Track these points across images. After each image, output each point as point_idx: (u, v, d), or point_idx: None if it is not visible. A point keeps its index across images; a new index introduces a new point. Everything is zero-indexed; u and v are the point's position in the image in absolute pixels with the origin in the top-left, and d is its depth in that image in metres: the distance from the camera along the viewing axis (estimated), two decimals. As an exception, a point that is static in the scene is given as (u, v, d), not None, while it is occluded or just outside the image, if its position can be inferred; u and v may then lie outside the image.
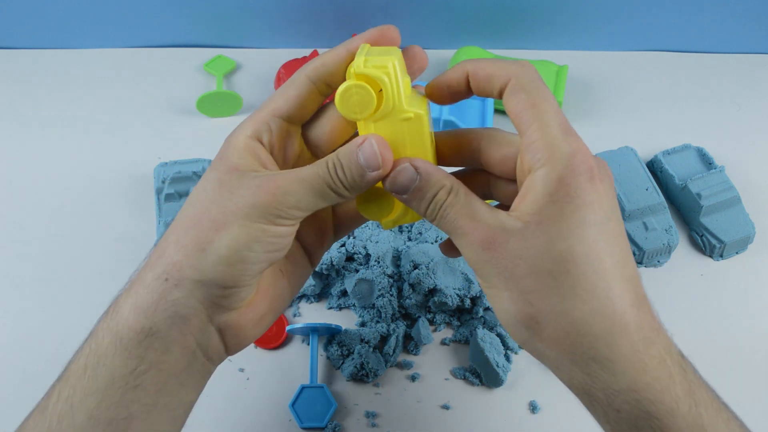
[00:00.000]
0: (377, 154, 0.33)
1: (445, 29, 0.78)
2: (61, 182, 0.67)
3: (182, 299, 0.33)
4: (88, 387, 0.33)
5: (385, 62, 0.33)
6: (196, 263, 0.33)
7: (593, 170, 0.31)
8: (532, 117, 0.32)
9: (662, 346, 0.31)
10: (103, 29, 0.78)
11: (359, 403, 0.55)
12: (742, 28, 0.78)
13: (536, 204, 0.31)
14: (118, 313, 0.33)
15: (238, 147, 0.35)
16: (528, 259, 0.31)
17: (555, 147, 0.31)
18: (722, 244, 0.62)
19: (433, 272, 0.56)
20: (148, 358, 0.33)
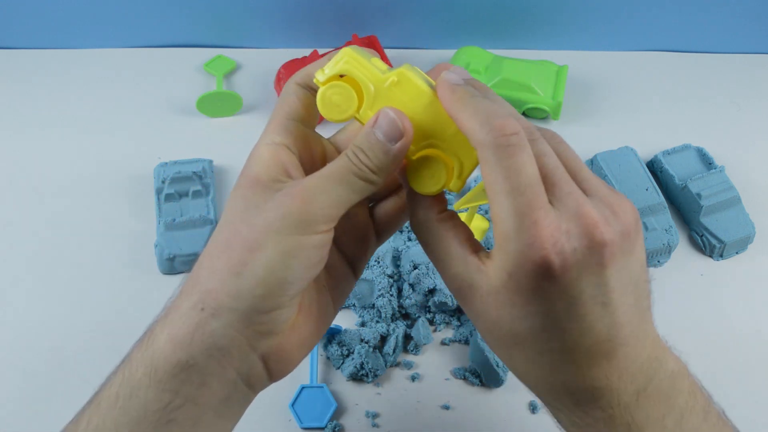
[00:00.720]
0: (395, 121, 0.32)
1: (445, 29, 0.78)
2: (61, 182, 0.67)
3: (220, 329, 0.31)
4: (120, 419, 0.32)
5: (338, 55, 0.34)
6: (233, 289, 0.31)
7: (551, 266, 0.29)
8: (494, 196, 0.30)
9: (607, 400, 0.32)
10: (103, 29, 0.78)
11: (359, 403, 0.55)
12: (742, 28, 0.78)
13: (494, 280, 0.31)
14: (154, 343, 0.32)
15: (260, 156, 0.33)
16: (485, 323, 0.32)
17: (505, 240, 0.30)
18: (722, 244, 0.62)
19: (433, 272, 0.56)
20: (183, 392, 0.32)
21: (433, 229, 0.34)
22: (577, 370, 0.31)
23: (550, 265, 0.29)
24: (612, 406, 0.32)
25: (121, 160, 0.69)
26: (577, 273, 0.29)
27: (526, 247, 0.29)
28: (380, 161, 0.32)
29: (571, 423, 0.33)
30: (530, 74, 0.71)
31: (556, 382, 0.32)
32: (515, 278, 0.30)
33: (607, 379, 0.31)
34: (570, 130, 0.73)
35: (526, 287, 0.30)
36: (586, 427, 0.33)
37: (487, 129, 0.30)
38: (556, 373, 0.32)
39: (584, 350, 0.31)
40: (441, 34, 0.78)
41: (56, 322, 0.58)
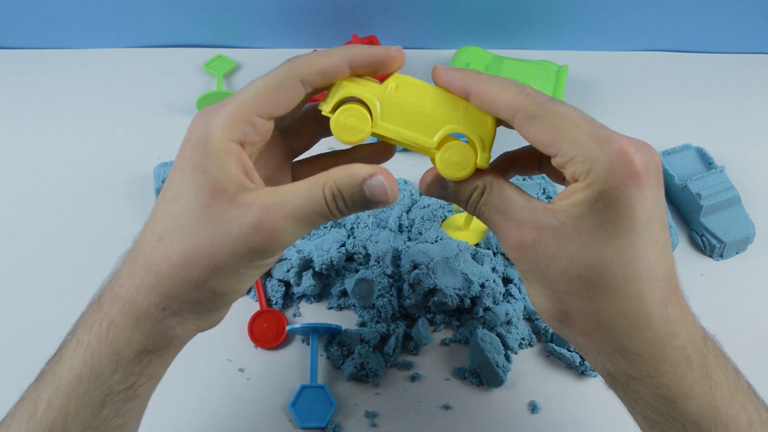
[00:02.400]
0: (388, 192, 0.33)
1: (445, 29, 0.78)
2: (61, 182, 0.67)
3: (179, 325, 0.35)
4: (85, 399, 0.33)
5: (333, 87, 0.35)
6: (192, 299, 0.34)
7: (637, 174, 0.30)
8: (560, 138, 0.32)
9: (686, 336, 0.33)
10: (103, 29, 0.78)
11: (359, 403, 0.55)
12: (742, 28, 0.78)
13: (576, 208, 0.31)
14: (117, 332, 0.34)
15: (218, 154, 0.32)
16: (560, 261, 0.32)
17: (593, 160, 0.31)
18: (722, 244, 0.62)
19: (433, 272, 0.56)
20: (147, 373, 0.35)
21: (494, 186, 0.35)
22: (660, 299, 0.32)
23: (638, 170, 0.30)
24: (690, 344, 0.33)
25: (121, 160, 0.69)
26: (654, 184, 0.31)
27: (616, 157, 0.30)
28: (355, 209, 0.34)
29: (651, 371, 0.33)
30: (530, 74, 0.71)
31: (641, 315, 0.32)
32: (607, 193, 0.31)
33: (682, 313, 0.33)
34: (570, 130, 0.73)
35: (617, 200, 0.31)
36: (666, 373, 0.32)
37: (523, 95, 0.32)
38: (642, 303, 0.32)
39: (662, 277, 0.32)
40: (441, 34, 0.78)
41: (56, 321, 0.58)
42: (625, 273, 0.31)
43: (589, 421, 0.54)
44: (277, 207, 0.32)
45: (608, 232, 0.31)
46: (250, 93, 0.34)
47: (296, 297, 0.60)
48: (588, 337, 0.34)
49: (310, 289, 0.59)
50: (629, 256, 0.31)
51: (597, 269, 0.31)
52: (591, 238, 0.31)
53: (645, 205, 0.31)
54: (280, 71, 0.34)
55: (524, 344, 0.57)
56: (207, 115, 0.33)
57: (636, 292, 0.32)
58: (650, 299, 0.32)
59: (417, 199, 0.65)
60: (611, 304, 0.32)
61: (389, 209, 0.64)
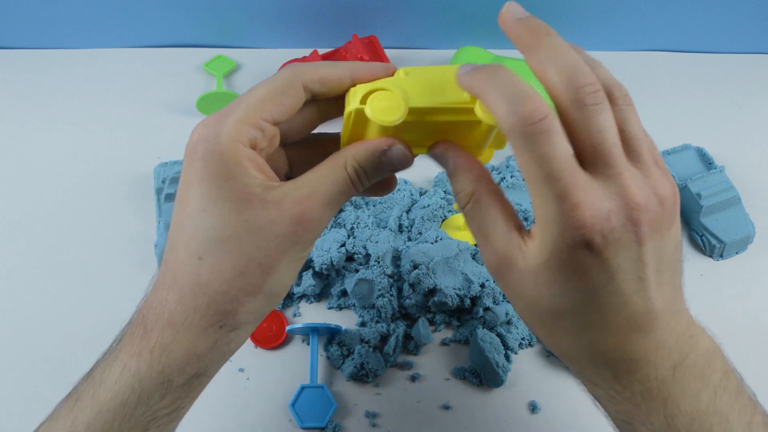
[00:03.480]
0: (408, 157, 0.35)
1: (445, 29, 0.78)
2: (61, 182, 0.67)
3: (235, 339, 0.35)
4: (128, 426, 0.33)
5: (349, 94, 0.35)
6: (252, 308, 0.34)
7: (592, 243, 0.29)
8: (529, 181, 0.30)
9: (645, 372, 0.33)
10: (103, 29, 0.78)
11: (359, 403, 0.55)
12: (742, 28, 0.78)
13: (534, 259, 0.31)
14: (169, 357, 0.33)
15: (237, 161, 0.32)
16: (523, 299, 0.33)
17: (547, 221, 0.30)
18: (722, 244, 0.62)
19: (433, 272, 0.56)
20: (193, 394, 0.35)
21: (481, 201, 0.34)
22: (616, 343, 0.32)
23: (592, 244, 0.30)
24: (649, 379, 0.32)
25: (121, 160, 0.69)
26: (616, 250, 0.30)
27: (568, 229, 0.30)
28: (375, 182, 0.35)
29: (609, 398, 0.34)
30: (530, 74, 0.71)
31: (596, 355, 0.33)
32: (557, 257, 0.30)
33: (645, 351, 0.32)
34: (570, 130, 0.73)
35: (567, 265, 0.30)
36: (624, 401, 0.33)
37: (514, 115, 0.30)
38: (596, 346, 0.32)
39: (623, 323, 0.32)
40: (441, 34, 0.78)
41: (56, 321, 0.58)
42: (579, 322, 0.32)
43: (589, 421, 0.54)
44: (310, 198, 0.33)
45: (561, 289, 0.31)
46: (255, 98, 0.33)
47: (296, 297, 0.60)
48: (559, 356, 0.35)
49: (310, 289, 0.59)
50: (583, 311, 0.31)
51: (552, 315, 0.32)
52: (547, 290, 0.32)
53: (600, 270, 0.30)
54: (283, 76, 0.34)
55: (524, 344, 0.57)
56: (212, 124, 0.33)
57: (590, 338, 0.32)
58: (605, 344, 0.32)
59: (417, 199, 0.65)
60: (568, 343, 0.33)
61: (389, 209, 0.64)
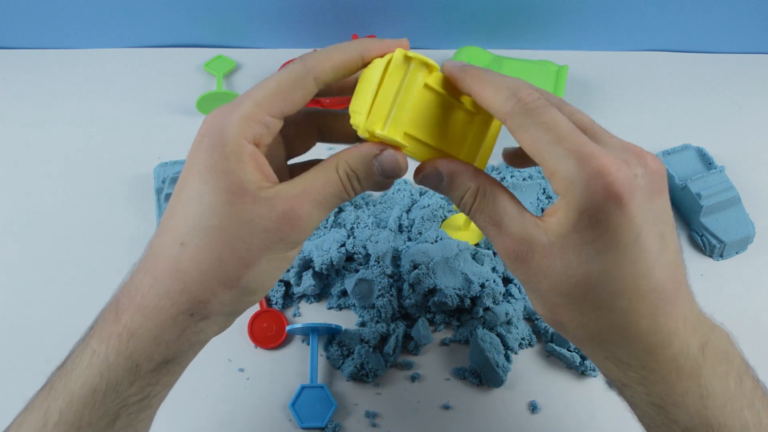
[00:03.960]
0: (400, 164, 0.34)
1: (445, 29, 0.78)
2: (61, 182, 0.67)
3: (205, 329, 0.34)
4: (99, 413, 0.33)
5: None
6: (224, 300, 0.33)
7: (617, 194, 0.30)
8: (543, 152, 0.31)
9: (678, 347, 0.32)
10: (103, 29, 0.78)
11: (359, 403, 0.55)
12: (742, 28, 0.78)
13: (560, 227, 0.31)
14: (137, 343, 0.33)
15: (237, 155, 0.32)
16: (549, 277, 0.32)
17: (571, 179, 0.31)
18: (722, 244, 0.62)
19: (433, 272, 0.56)
20: (163, 382, 0.35)
21: (487, 192, 0.34)
22: (649, 311, 0.32)
23: (620, 195, 0.30)
24: (682, 355, 0.32)
25: (121, 160, 0.69)
26: (642, 199, 0.31)
27: (593, 177, 0.30)
28: (366, 189, 0.35)
29: (641, 379, 0.33)
30: (530, 74, 0.71)
31: (629, 328, 0.32)
32: (586, 215, 0.30)
33: (675, 323, 0.32)
34: (570, 130, 0.73)
35: (597, 221, 0.30)
36: (659, 381, 0.33)
37: (514, 100, 0.32)
38: (629, 316, 0.32)
39: (653, 287, 0.31)
40: (441, 34, 0.78)
41: (56, 321, 0.58)
42: (611, 289, 0.31)
43: (589, 421, 0.54)
44: (300, 196, 0.33)
45: (592, 251, 0.31)
46: (264, 92, 0.33)
47: (296, 297, 0.60)
48: (581, 344, 0.34)
49: (310, 289, 0.59)
50: (615, 273, 0.31)
51: (583, 287, 0.32)
52: (576, 257, 0.31)
53: (629, 222, 0.30)
54: (294, 69, 0.34)
55: (524, 344, 0.57)
56: (221, 116, 0.33)
57: (623, 307, 0.32)
58: (638, 312, 0.32)
59: (417, 199, 0.65)
60: (599, 317, 0.32)
61: (389, 209, 0.64)
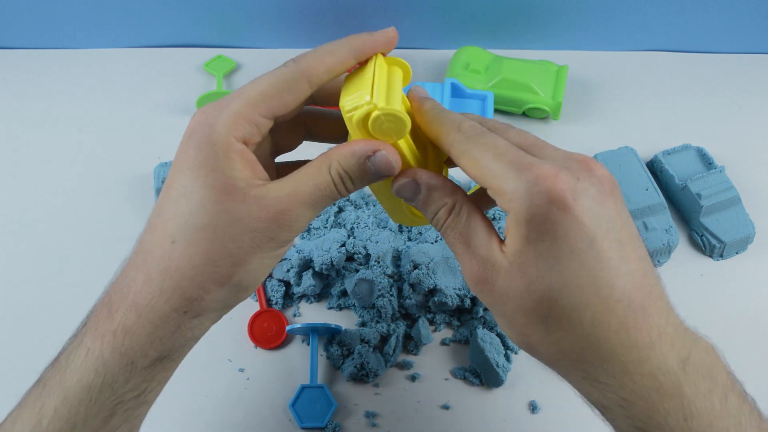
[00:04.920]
0: (393, 165, 0.34)
1: (445, 29, 0.78)
2: (61, 182, 0.67)
3: (198, 326, 0.34)
4: (94, 409, 0.33)
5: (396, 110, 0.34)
6: (217, 297, 0.34)
7: (559, 198, 0.29)
8: (484, 171, 0.32)
9: (656, 363, 0.31)
10: (103, 29, 0.78)
11: (359, 403, 0.55)
12: (742, 28, 0.78)
13: (514, 245, 0.31)
14: (132, 340, 0.33)
15: (226, 154, 0.32)
16: (513, 299, 0.32)
17: (511, 190, 0.30)
18: (722, 244, 0.62)
19: (433, 272, 0.56)
20: (158, 378, 0.35)
21: (462, 211, 0.34)
22: (618, 324, 0.30)
23: (560, 194, 0.30)
24: (661, 371, 0.31)
25: (121, 160, 0.69)
26: (588, 202, 0.30)
27: (532, 184, 0.30)
28: (360, 187, 0.35)
29: (621, 402, 0.31)
30: (530, 74, 0.71)
31: (601, 345, 0.31)
32: (534, 223, 0.30)
33: (649, 336, 0.31)
34: (570, 130, 0.73)
35: (546, 230, 0.30)
36: (639, 402, 0.31)
37: (454, 131, 0.34)
38: (599, 331, 0.30)
39: (619, 297, 0.30)
40: (441, 34, 0.78)
41: (56, 321, 0.58)
42: (573, 301, 0.30)
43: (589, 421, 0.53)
44: (291, 197, 0.33)
45: (549, 262, 0.30)
46: (256, 92, 0.33)
47: (296, 297, 0.60)
48: (556, 366, 0.33)
49: (310, 289, 0.59)
50: (575, 284, 0.30)
51: (546, 302, 0.31)
52: (535, 271, 0.30)
53: (579, 227, 0.30)
54: (287, 71, 0.34)
55: (524, 344, 0.57)
56: (211, 114, 0.33)
57: (589, 320, 0.30)
58: (606, 326, 0.30)
59: (417, 199, 0.65)
60: (567, 334, 0.31)
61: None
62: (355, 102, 0.33)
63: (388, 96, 0.33)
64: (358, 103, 0.33)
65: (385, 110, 0.32)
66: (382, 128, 0.33)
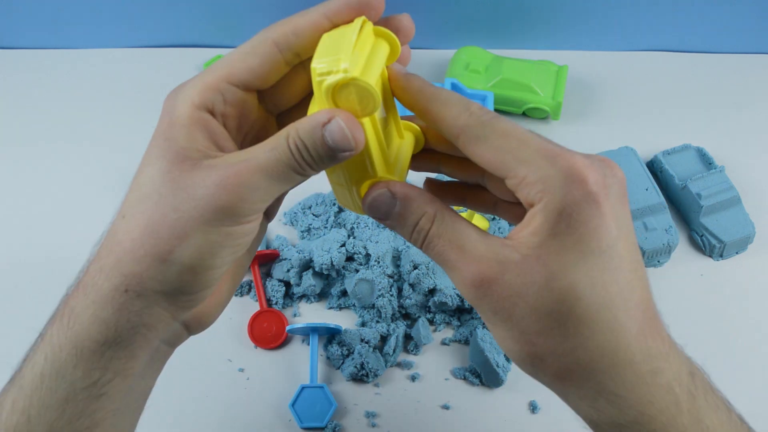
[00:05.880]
0: (348, 137, 0.29)
1: (445, 29, 0.78)
2: (61, 182, 0.67)
3: (145, 309, 0.31)
4: (47, 399, 0.31)
5: None
6: (158, 275, 0.30)
7: (592, 192, 0.28)
8: (508, 158, 0.29)
9: (671, 374, 0.30)
10: (103, 29, 0.78)
11: (359, 403, 0.55)
12: (742, 28, 0.78)
13: (537, 236, 0.29)
14: (77, 323, 0.31)
15: (183, 122, 0.31)
16: (527, 298, 0.29)
17: (546, 177, 0.29)
18: (722, 244, 0.62)
19: (433, 272, 0.56)
20: (113, 368, 0.32)
21: (446, 216, 0.32)
22: (638, 329, 0.29)
23: (594, 190, 0.28)
24: (676, 384, 0.29)
25: (121, 160, 0.69)
26: (614, 202, 0.29)
27: (568, 174, 0.28)
28: (323, 161, 0.30)
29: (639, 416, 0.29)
30: (530, 74, 0.71)
31: (620, 351, 0.29)
32: (566, 213, 0.28)
33: (663, 347, 0.29)
34: (570, 130, 0.73)
35: (578, 221, 0.28)
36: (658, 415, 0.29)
37: (466, 113, 0.30)
38: (619, 336, 0.29)
39: (637, 305, 0.29)
40: (441, 34, 0.78)
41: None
42: (597, 299, 0.28)
43: (589, 421, 0.54)
44: (243, 164, 0.30)
45: (575, 256, 0.28)
46: (221, 61, 0.32)
47: (296, 297, 0.60)
48: (566, 380, 0.30)
49: (310, 289, 0.59)
50: (600, 280, 0.28)
51: (569, 300, 0.28)
52: (558, 266, 0.28)
53: (607, 224, 0.28)
54: (254, 38, 0.32)
55: (524, 344, 0.57)
56: (177, 88, 0.32)
57: (611, 322, 0.29)
58: (627, 330, 0.29)
59: (417, 199, 0.65)
60: (586, 338, 0.29)
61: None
62: (330, 66, 0.29)
63: (365, 67, 0.30)
64: (332, 68, 0.29)
65: (358, 81, 0.29)
66: (348, 99, 0.30)
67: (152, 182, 0.31)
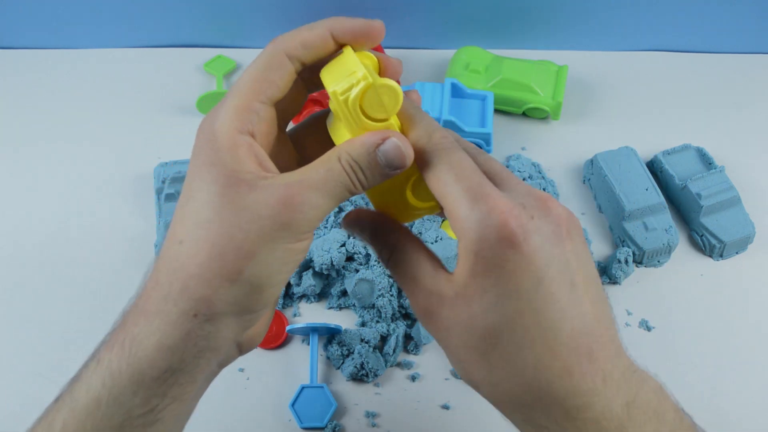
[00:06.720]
0: (404, 154, 0.32)
1: (445, 29, 0.78)
2: (61, 182, 0.67)
3: (214, 333, 0.32)
4: (101, 424, 0.31)
5: None
6: (228, 296, 0.31)
7: (510, 236, 0.29)
8: (442, 192, 0.31)
9: (600, 408, 0.30)
10: (103, 29, 0.78)
11: (359, 403, 0.55)
12: (742, 28, 0.78)
13: (461, 276, 0.31)
14: (140, 349, 0.31)
15: (228, 147, 0.31)
16: (457, 332, 0.31)
17: (467, 219, 0.30)
18: (722, 244, 0.62)
19: (433, 272, 0.56)
20: (172, 394, 0.32)
21: (406, 247, 0.34)
22: (562, 368, 0.30)
23: (511, 231, 0.29)
24: (604, 417, 0.30)
25: (122, 160, 0.69)
26: (540, 242, 0.30)
27: (484, 216, 0.29)
28: (375, 181, 0.33)
29: None
30: (530, 74, 0.71)
31: (543, 386, 0.30)
32: (481, 256, 0.29)
33: (593, 382, 0.30)
34: (570, 130, 0.73)
35: (493, 265, 0.29)
36: None
37: (426, 138, 0.32)
38: (540, 373, 0.30)
39: (565, 341, 0.30)
40: (441, 34, 0.78)
41: (56, 321, 0.58)
42: (516, 341, 0.30)
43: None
44: (301, 183, 0.31)
45: (492, 299, 0.30)
46: (245, 81, 0.33)
47: (296, 297, 0.60)
48: (498, 406, 0.33)
49: (310, 289, 0.59)
50: (518, 324, 0.29)
51: (489, 339, 0.30)
52: (479, 306, 0.30)
53: (527, 266, 0.29)
54: (265, 52, 0.33)
55: (524, 344, 0.57)
56: (212, 114, 0.32)
57: (532, 362, 0.30)
58: (549, 370, 0.30)
59: (417, 199, 0.65)
60: (510, 375, 0.30)
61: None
62: (349, 82, 0.32)
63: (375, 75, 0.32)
64: (351, 83, 0.32)
65: (378, 82, 0.31)
66: (373, 103, 0.32)
67: (210, 206, 0.31)
